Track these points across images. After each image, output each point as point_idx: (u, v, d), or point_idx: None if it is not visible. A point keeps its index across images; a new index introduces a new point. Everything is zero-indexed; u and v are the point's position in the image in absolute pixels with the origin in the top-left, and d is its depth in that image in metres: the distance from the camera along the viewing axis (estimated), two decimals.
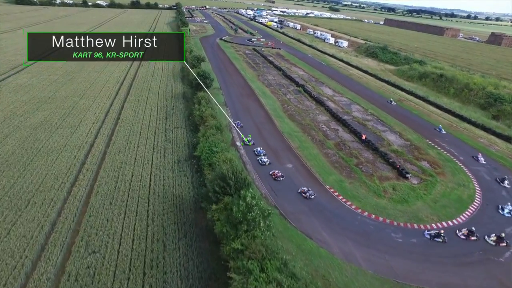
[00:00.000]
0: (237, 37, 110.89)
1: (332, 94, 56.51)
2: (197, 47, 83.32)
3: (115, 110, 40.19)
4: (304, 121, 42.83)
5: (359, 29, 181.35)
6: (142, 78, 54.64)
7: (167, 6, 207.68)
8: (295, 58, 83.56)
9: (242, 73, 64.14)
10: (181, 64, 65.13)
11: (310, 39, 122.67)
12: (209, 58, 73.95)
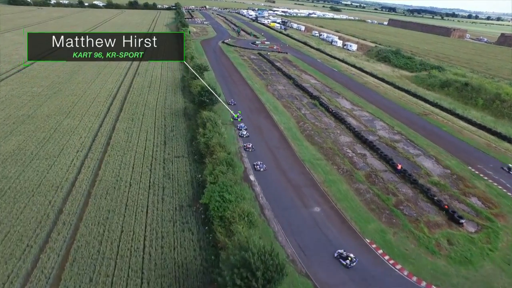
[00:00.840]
0: (240, 40, 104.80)
1: (350, 107, 50.53)
2: (198, 52, 77.30)
3: (105, 132, 34.11)
4: (325, 144, 36.83)
5: (364, 30, 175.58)
6: (138, 89, 48.54)
7: (166, 7, 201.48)
8: (304, 64, 77.51)
9: (249, 82, 58.09)
10: (181, 72, 59.12)
11: (316, 41, 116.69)
12: (212, 64, 67.89)
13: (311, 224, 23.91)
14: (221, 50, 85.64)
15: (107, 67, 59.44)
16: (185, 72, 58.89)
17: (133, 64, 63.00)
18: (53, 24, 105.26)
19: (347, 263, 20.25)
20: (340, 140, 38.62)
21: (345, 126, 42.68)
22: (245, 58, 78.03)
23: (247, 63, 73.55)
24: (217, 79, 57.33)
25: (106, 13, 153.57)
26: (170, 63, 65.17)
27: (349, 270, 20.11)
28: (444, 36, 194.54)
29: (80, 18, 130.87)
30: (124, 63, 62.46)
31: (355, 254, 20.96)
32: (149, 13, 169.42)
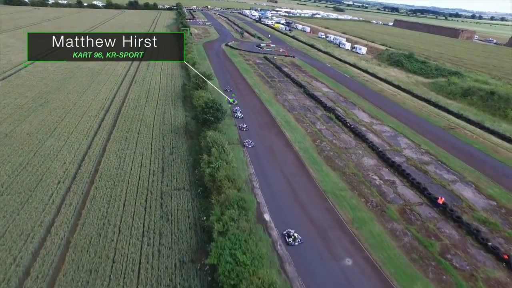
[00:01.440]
0: (244, 42, 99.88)
1: (369, 121, 45.57)
2: (200, 55, 72.46)
3: (94, 156, 29.25)
4: (347, 169, 31.94)
5: (370, 31, 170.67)
6: (134, 100, 43.69)
7: (167, 7, 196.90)
8: (313, 69, 72.53)
9: (256, 91, 53.17)
10: (182, 80, 54.25)
11: (323, 44, 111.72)
12: (215, 70, 63.02)
13: (343, 284, 19.01)
14: (225, 54, 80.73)
15: (102, 73, 54.65)
16: (186, 79, 54.05)
17: (130, 70, 58.19)
18: (48, 26, 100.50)
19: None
20: (363, 163, 33.69)
21: (366, 145, 37.75)
22: (251, 63, 73.11)
23: (253, 68, 68.63)
24: (221, 87, 52.36)
25: (105, 14, 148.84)
26: (171, 69, 60.37)
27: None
28: (452, 37, 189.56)
29: (78, 18, 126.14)
30: (121, 69, 57.70)
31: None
32: (149, 13, 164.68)
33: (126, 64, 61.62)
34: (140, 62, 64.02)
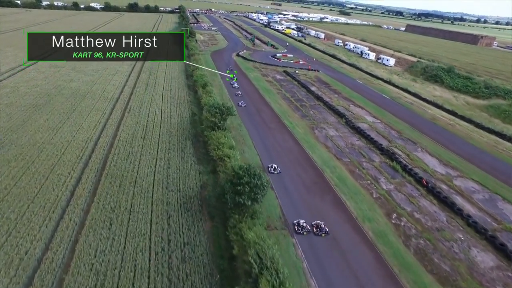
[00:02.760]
0: (257, 52, 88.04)
1: (444, 171, 33.63)
2: (213, 74, 60.43)
3: (52, 270, 17.06)
4: (461, 280, 19.74)
5: (387, 37, 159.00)
6: (126, 143, 31.71)
7: (168, 9, 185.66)
8: (345, 88, 60.59)
9: (287, 123, 41.12)
10: (189, 106, 42.16)
11: (343, 53, 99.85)
12: (229, 89, 51.14)
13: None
14: (238, 67, 68.77)
15: (87, 96, 42.70)
16: (195, 106, 42.03)
17: (124, 90, 46.21)
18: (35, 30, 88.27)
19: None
20: (477, 262, 21.58)
21: (463, 221, 25.64)
22: (270, 79, 61.12)
23: (274, 87, 56.64)
24: (240, 117, 40.29)
25: (102, 17, 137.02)
26: (175, 90, 48.36)
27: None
28: (471, 44, 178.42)
29: (72, 22, 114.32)
30: (112, 90, 45.90)
31: None
32: (150, 16, 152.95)
33: (119, 82, 49.68)
34: (138, 80, 52.05)
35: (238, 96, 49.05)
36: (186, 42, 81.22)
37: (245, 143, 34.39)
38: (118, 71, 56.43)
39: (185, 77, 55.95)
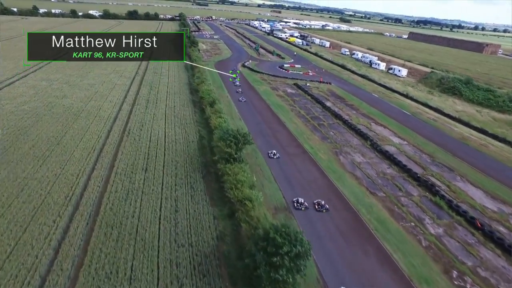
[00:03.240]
0: (263, 62, 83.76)
1: (495, 207, 29.11)
2: (215, 82, 56.17)
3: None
4: None
5: (392, 45, 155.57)
6: (125, 178, 26.95)
7: (169, 17, 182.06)
8: (361, 103, 56.13)
9: (306, 147, 36.37)
10: (197, 127, 37.35)
11: (351, 62, 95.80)
12: (238, 107, 46.60)
13: None
14: (245, 79, 64.24)
15: (81, 116, 37.91)
16: (202, 127, 37.20)
17: (122, 108, 41.40)
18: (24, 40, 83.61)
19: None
20: None
21: None
22: (281, 93, 56.55)
23: (286, 102, 52.04)
24: (255, 142, 35.40)
25: (100, 25, 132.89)
26: (179, 108, 43.63)
27: None
28: (475, 52, 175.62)
29: (69, 30, 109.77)
30: (109, 107, 41.19)
31: None
32: (149, 24, 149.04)
33: (117, 98, 44.95)
34: (137, 95, 47.33)
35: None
36: (189, 52, 76.93)
37: (263, 174, 29.56)
38: (116, 84, 51.75)
39: (189, 92, 51.32)
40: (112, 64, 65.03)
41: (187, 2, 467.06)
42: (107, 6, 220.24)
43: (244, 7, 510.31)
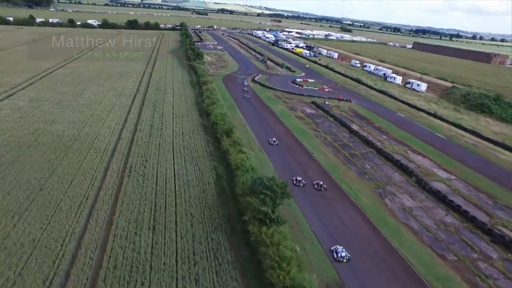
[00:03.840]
0: (273, 75, 78.15)
1: None
2: (226, 101, 50.10)
3: None
4: None
5: (398, 56, 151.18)
6: (130, 225, 20.63)
7: (169, 26, 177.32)
8: (389, 125, 50.30)
9: (344, 187, 30.27)
10: (211, 162, 31.05)
11: (365, 76, 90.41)
12: (255, 131, 40.47)
13: None
14: (257, 97, 58.37)
15: (72, 147, 31.63)
16: (219, 162, 30.89)
17: (122, 137, 35.08)
18: (17, 54, 78.08)
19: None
20: None
21: None
22: (300, 114, 50.56)
23: (308, 126, 46.03)
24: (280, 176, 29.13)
25: (98, 35, 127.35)
26: (188, 138, 37.48)
27: None
28: (483, 62, 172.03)
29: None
30: (107, 135, 34.83)
31: None
32: (150, 34, 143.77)
33: (116, 123, 38.74)
34: (139, 119, 41.10)
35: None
36: (195, 66, 71.15)
37: (302, 232, 23.23)
38: (115, 105, 45.62)
39: (198, 113, 45.26)
40: (110, 79, 59.10)
41: (187, 11, 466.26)
42: (106, 15, 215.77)
43: (244, 16, 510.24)
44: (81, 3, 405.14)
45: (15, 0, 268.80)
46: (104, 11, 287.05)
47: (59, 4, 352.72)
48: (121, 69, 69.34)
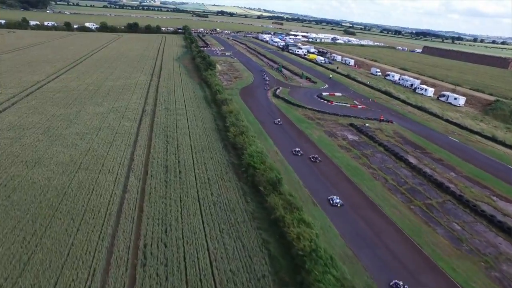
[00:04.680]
0: (294, 88, 69.36)
1: None
2: (251, 124, 40.80)
3: None
4: None
5: (413, 62, 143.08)
6: None
7: (171, 30, 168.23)
8: (450, 155, 41.55)
9: (450, 273, 20.85)
10: (257, 233, 21.73)
11: (391, 86, 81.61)
12: (299, 174, 31.12)
13: None
14: (285, 117, 49.23)
15: (57, 213, 22.58)
16: (268, 231, 21.81)
17: (129, 193, 25.89)
18: (2, 63, 68.85)
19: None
20: None
21: None
22: (342, 143, 41.54)
23: (357, 159, 37.04)
24: (359, 260, 20.09)
25: (96, 40, 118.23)
26: (217, 188, 28.21)
27: None
28: (500, 68, 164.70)
29: (61, 47, 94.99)
30: (108, 189, 25.74)
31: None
32: (151, 39, 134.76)
33: (119, 165, 29.58)
34: (149, 157, 31.93)
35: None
36: (205, 76, 62.06)
37: None
38: (117, 133, 36.47)
39: (221, 145, 36.08)
40: (110, 96, 49.93)
41: (187, 14, 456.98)
42: (104, 18, 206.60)
43: (244, 18, 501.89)
44: (79, 5, 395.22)
45: (10, 2, 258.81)
46: (102, 13, 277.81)
47: (56, 6, 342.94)
48: (122, 81, 60.19)
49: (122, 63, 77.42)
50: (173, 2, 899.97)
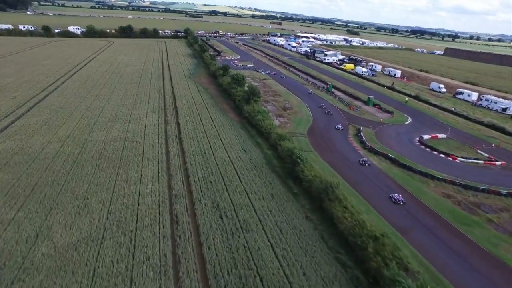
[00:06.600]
0: (375, 125, 47.15)
1: None
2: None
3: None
4: None
5: (449, 67, 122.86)
6: None
7: (169, 33, 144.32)
8: None
9: None
10: None
11: (471, 109, 60.78)
12: None
13: None
14: (412, 198, 27.29)
15: None
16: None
17: None
18: None
19: None
20: None
21: None
22: None
23: None
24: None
25: (82, 49, 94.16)
26: None
27: None
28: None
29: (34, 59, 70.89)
30: None
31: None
32: (149, 45, 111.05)
33: None
34: None
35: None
36: (254, 118, 39.96)
37: None
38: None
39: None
40: (100, 176, 27.46)
41: (179, 14, 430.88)
42: (92, 19, 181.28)
43: (239, 18, 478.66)
44: (65, 5, 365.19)
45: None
46: (90, 15, 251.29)
47: (39, 7, 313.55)
48: (119, 131, 37.31)
49: (116, 89, 54.35)
50: (163, 2, 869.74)
